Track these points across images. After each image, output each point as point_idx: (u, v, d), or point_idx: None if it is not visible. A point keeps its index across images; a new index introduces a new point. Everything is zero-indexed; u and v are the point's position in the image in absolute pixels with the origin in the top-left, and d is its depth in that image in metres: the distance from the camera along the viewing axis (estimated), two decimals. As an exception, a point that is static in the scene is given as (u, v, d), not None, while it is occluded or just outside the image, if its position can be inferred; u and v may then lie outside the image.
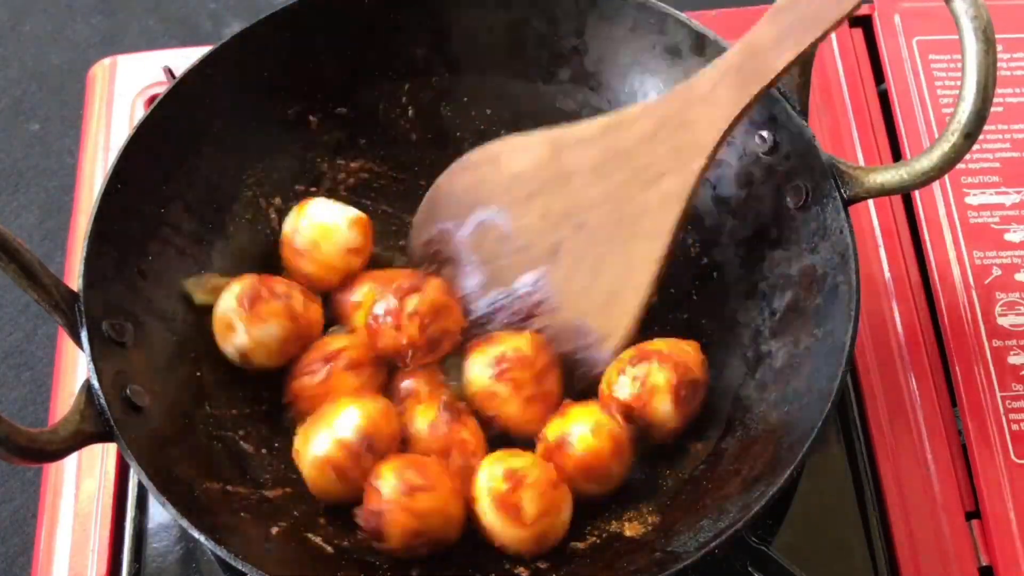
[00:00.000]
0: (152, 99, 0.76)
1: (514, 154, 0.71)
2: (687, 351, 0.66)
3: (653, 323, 0.73)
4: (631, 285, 0.66)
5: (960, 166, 0.61)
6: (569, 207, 0.69)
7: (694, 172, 0.64)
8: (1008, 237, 0.78)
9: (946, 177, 0.72)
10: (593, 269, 0.68)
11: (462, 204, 0.71)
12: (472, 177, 0.72)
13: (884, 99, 0.84)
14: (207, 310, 0.68)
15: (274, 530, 0.61)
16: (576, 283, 0.68)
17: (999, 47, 0.58)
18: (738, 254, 0.71)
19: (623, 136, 0.67)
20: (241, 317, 0.66)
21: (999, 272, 0.76)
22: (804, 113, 0.67)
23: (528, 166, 0.70)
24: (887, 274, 0.77)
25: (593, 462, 0.63)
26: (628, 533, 0.63)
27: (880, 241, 0.79)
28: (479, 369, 0.66)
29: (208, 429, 0.65)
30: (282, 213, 0.74)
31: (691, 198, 0.65)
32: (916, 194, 0.79)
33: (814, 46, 0.62)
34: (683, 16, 0.71)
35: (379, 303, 0.66)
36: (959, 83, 0.58)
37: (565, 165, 0.69)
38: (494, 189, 0.71)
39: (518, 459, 0.62)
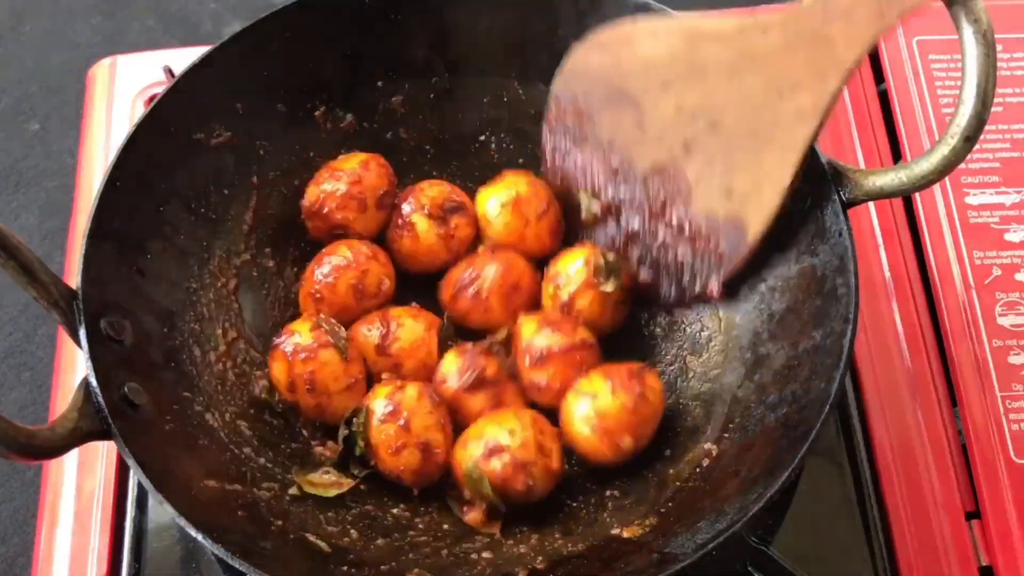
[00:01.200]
0: (152, 99, 0.76)
1: (647, 39, 0.68)
2: None
3: (649, 323, 0.73)
4: (765, 190, 0.65)
5: (960, 166, 0.61)
6: (703, 104, 0.67)
7: (830, 91, 0.62)
8: (1008, 237, 0.78)
9: (946, 177, 0.72)
10: (725, 171, 0.67)
11: (596, 82, 0.71)
12: (606, 57, 0.70)
13: (884, 99, 0.84)
14: (206, 310, 0.69)
15: (272, 529, 0.61)
16: (707, 183, 0.68)
17: (999, 47, 0.58)
18: (737, 254, 0.71)
19: (759, 41, 0.64)
20: None
21: (999, 272, 0.76)
22: (804, 114, 0.67)
23: (662, 54, 0.68)
24: (887, 274, 0.77)
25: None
26: (626, 534, 0.63)
27: (880, 241, 0.78)
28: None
29: (206, 428, 0.65)
30: (281, 212, 0.74)
31: (826, 115, 0.63)
32: (916, 194, 0.79)
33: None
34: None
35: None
36: (959, 83, 0.58)
37: (700, 59, 0.67)
38: (628, 72, 0.69)
39: None
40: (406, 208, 0.73)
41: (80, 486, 0.72)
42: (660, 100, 0.68)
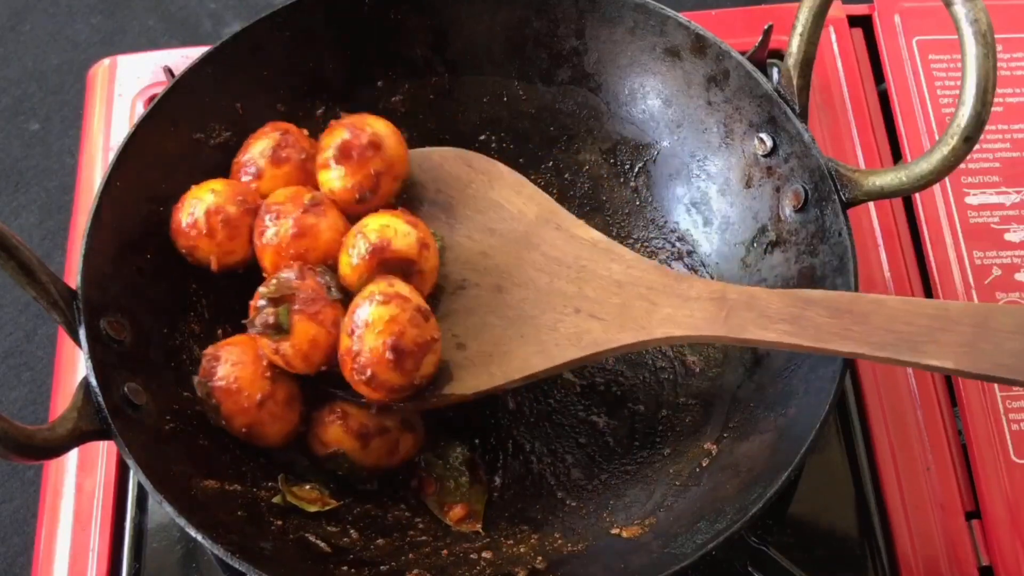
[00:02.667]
0: (152, 99, 0.76)
1: (509, 189, 0.70)
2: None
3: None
4: (493, 371, 0.64)
5: (960, 166, 0.61)
6: (505, 266, 0.67)
7: (618, 342, 0.62)
8: (1008, 237, 0.78)
9: (946, 177, 0.72)
10: (472, 328, 0.66)
11: (438, 181, 0.71)
12: (462, 172, 0.71)
13: (884, 99, 0.84)
14: (206, 310, 0.69)
15: (272, 529, 0.61)
16: (453, 324, 0.66)
17: (999, 47, 0.58)
18: (736, 256, 0.71)
19: (600, 261, 0.65)
20: None
21: (999, 272, 0.76)
22: (803, 115, 0.67)
23: (511, 208, 0.69)
24: (887, 274, 0.77)
25: None
26: (626, 534, 0.63)
27: (880, 241, 0.78)
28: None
29: (205, 427, 0.65)
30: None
31: (593, 358, 0.63)
32: (916, 194, 0.79)
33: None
34: (683, 18, 0.71)
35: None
36: (959, 83, 0.58)
37: (538, 236, 0.67)
38: (472, 197, 0.70)
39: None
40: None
41: (80, 486, 0.72)
42: (475, 236, 0.68)
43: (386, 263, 0.63)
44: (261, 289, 0.62)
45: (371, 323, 0.60)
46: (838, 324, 0.56)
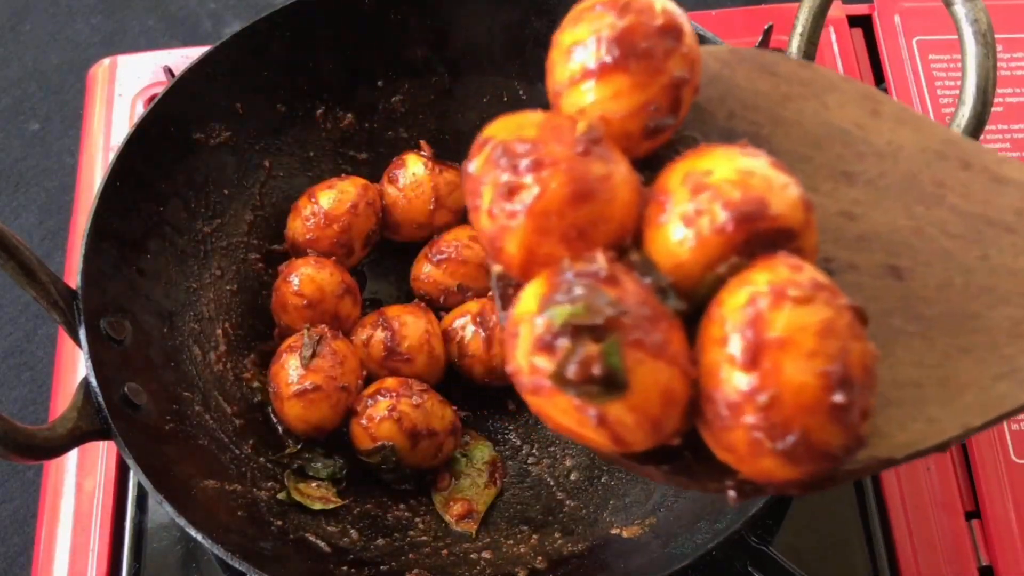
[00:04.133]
0: (152, 99, 0.76)
1: (854, 104, 0.44)
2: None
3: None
4: (934, 414, 0.40)
5: (960, 166, 0.61)
6: (889, 233, 0.42)
7: None
8: (1008, 237, 0.77)
9: (946, 177, 0.72)
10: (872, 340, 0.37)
11: (728, 100, 0.45)
12: (766, 82, 0.45)
13: (884, 99, 0.84)
14: (205, 310, 0.69)
15: (272, 529, 0.61)
16: None
17: (999, 47, 0.58)
18: (737, 254, 0.70)
19: None
20: None
21: (999, 272, 0.76)
22: (804, 113, 0.66)
23: (871, 138, 0.44)
24: (887, 274, 0.77)
25: None
26: (626, 534, 0.63)
27: (880, 241, 0.78)
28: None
29: (205, 427, 0.65)
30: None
31: None
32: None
33: None
34: (683, 17, 0.71)
35: None
36: (959, 83, 0.58)
37: (934, 181, 0.43)
38: (796, 123, 0.44)
39: None
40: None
41: (80, 486, 0.72)
42: (823, 186, 0.43)
43: (758, 238, 0.36)
44: (551, 312, 0.34)
45: (789, 340, 0.33)
46: None
